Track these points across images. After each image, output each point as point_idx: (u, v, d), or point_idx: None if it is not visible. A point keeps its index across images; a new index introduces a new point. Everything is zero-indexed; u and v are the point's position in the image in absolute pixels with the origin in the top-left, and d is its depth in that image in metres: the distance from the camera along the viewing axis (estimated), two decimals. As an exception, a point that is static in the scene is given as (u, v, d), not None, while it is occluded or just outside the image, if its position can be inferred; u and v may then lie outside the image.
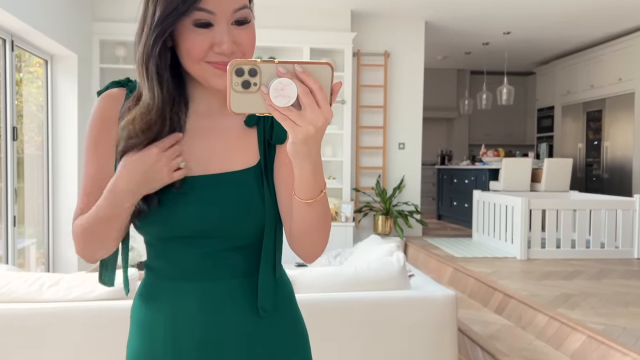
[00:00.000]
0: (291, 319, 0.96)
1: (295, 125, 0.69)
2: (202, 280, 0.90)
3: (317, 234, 0.86)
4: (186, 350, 0.89)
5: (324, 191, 0.81)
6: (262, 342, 0.91)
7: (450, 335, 2.68)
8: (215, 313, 0.89)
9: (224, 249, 0.89)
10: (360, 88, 6.23)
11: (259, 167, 0.90)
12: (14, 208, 4.06)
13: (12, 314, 2.38)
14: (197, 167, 0.89)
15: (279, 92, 0.67)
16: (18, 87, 4.37)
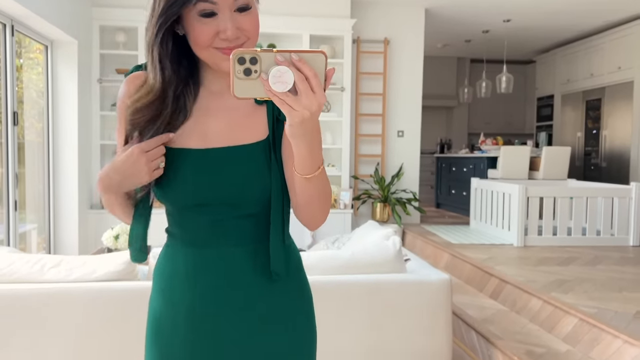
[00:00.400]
0: (298, 283, 1.06)
1: (292, 109, 0.75)
2: (215, 246, 0.98)
3: (318, 206, 0.94)
4: (201, 311, 0.98)
5: (321, 167, 0.87)
6: (271, 303, 1.00)
7: (444, 318, 2.72)
8: (227, 277, 0.98)
9: (234, 217, 0.97)
10: (359, 75, 6.24)
11: (267, 142, 0.97)
12: (15, 192, 4.09)
13: (14, 294, 2.42)
14: (210, 141, 0.97)
15: (277, 78, 0.72)
16: (18, 73, 4.39)
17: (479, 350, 3.07)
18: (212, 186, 0.95)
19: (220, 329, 0.99)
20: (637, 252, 4.80)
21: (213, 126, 0.98)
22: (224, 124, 0.98)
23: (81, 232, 5.09)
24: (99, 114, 5.50)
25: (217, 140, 0.97)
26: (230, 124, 0.98)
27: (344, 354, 2.64)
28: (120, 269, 2.57)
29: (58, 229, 5.00)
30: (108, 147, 5.69)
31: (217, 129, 0.98)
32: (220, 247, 0.98)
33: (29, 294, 2.44)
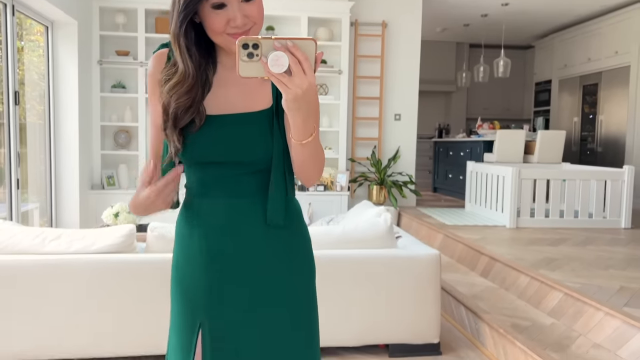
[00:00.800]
0: (298, 231, 1.22)
1: (287, 87, 0.90)
2: (225, 197, 1.16)
3: (311, 166, 1.10)
4: (213, 252, 1.16)
5: (314, 134, 1.01)
6: (273, 248, 1.17)
7: (433, 291, 2.82)
8: (235, 223, 1.16)
9: (242, 173, 1.15)
10: (357, 58, 6.28)
11: (271, 110, 1.14)
12: (17, 171, 4.18)
13: (16, 265, 2.51)
14: (224, 108, 1.14)
15: (275, 61, 0.87)
16: (19, 55, 4.45)
17: (467, 324, 3.17)
18: (225, 147, 1.12)
19: (230, 268, 1.15)
20: (628, 234, 4.89)
21: (227, 96, 1.15)
22: (235, 95, 1.15)
23: (82, 211, 5.18)
24: (99, 95, 5.57)
25: (229, 107, 1.14)
26: (240, 95, 1.15)
27: (335, 327, 2.74)
28: (119, 242, 2.65)
29: (59, 209, 5.09)
30: (108, 128, 5.76)
31: (230, 98, 1.15)
32: (229, 198, 1.15)
33: (31, 265, 2.53)
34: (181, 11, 1.06)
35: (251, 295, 1.16)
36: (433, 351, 2.84)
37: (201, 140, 1.12)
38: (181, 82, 1.11)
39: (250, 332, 1.16)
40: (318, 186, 5.89)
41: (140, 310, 2.60)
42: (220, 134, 1.12)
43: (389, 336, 2.81)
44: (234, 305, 1.15)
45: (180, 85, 1.10)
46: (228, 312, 1.15)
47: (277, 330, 1.17)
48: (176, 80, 1.11)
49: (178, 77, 1.11)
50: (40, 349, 2.56)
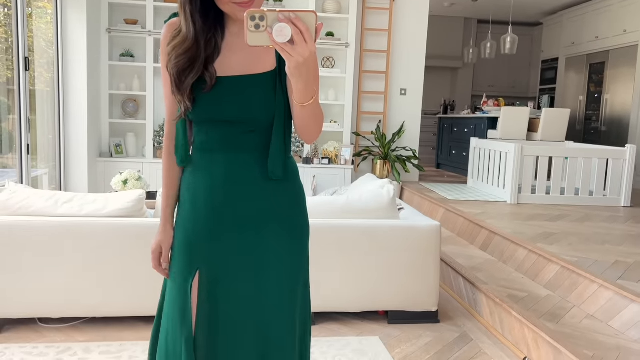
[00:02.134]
0: (294, 186, 1.32)
1: (290, 55, 0.97)
2: (228, 151, 1.26)
3: (312, 125, 1.19)
4: (217, 202, 1.26)
5: (314, 98, 1.09)
6: (272, 200, 1.27)
7: (433, 261, 2.90)
8: (237, 175, 1.26)
9: (245, 131, 1.24)
10: (364, 32, 6.27)
11: (274, 72, 1.23)
12: (27, 137, 4.25)
13: (29, 226, 2.60)
14: (230, 70, 1.23)
15: (279, 32, 0.95)
16: (28, 21, 4.47)
17: (465, 295, 3.26)
18: (231, 105, 1.22)
19: (230, 217, 1.25)
20: (627, 212, 4.95)
21: (234, 59, 1.24)
22: (242, 57, 1.24)
23: (90, 178, 5.27)
24: (108, 64, 5.60)
25: (236, 69, 1.23)
26: (246, 57, 1.24)
27: (336, 293, 2.83)
28: (129, 207, 2.74)
29: (68, 175, 5.18)
30: (117, 97, 5.81)
31: (237, 61, 1.24)
32: (232, 153, 1.25)
33: (44, 226, 2.62)
34: None
35: (248, 242, 1.25)
36: (431, 319, 2.94)
37: (209, 100, 1.22)
38: (180, 43, 1.20)
39: (245, 276, 1.25)
40: (322, 159, 5.95)
41: (148, 273, 2.69)
42: (227, 93, 1.21)
43: (388, 303, 2.91)
44: (231, 251, 1.25)
45: (180, 46, 1.20)
46: (226, 258, 1.25)
47: (269, 276, 1.26)
48: (176, 42, 1.21)
49: (179, 39, 1.21)
50: (51, 307, 2.66)
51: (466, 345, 2.69)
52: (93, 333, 2.67)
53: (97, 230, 2.65)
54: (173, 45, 1.21)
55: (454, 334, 2.81)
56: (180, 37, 1.21)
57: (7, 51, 4.16)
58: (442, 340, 2.74)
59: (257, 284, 1.26)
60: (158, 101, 5.79)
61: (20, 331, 2.66)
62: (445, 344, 2.69)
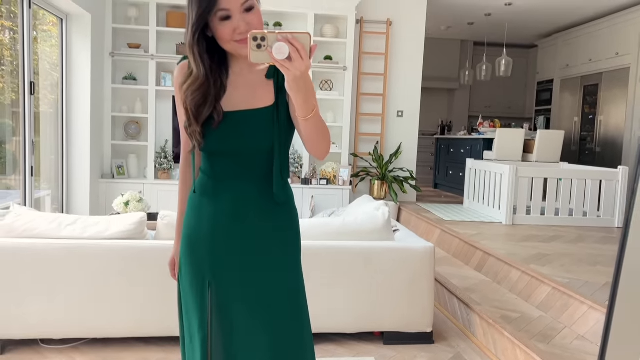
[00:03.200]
0: (290, 209, 1.47)
1: (288, 70, 1.10)
2: (232, 178, 1.40)
3: (318, 138, 1.29)
4: (225, 223, 1.40)
5: (314, 111, 1.21)
6: (270, 221, 1.41)
7: (427, 283, 2.97)
8: (240, 200, 1.39)
9: (247, 160, 1.38)
10: (362, 55, 6.41)
11: (274, 106, 1.36)
12: (32, 159, 4.34)
13: (34, 248, 2.68)
14: (235, 106, 1.37)
15: (278, 50, 1.09)
16: (33, 45, 4.59)
17: (459, 315, 3.32)
18: (236, 138, 1.36)
19: (234, 235, 1.39)
20: (620, 233, 5.01)
21: (237, 95, 1.38)
22: (244, 94, 1.38)
23: (92, 199, 5.35)
24: (111, 87, 5.72)
25: (239, 105, 1.37)
26: (248, 94, 1.38)
27: (332, 314, 2.90)
28: (131, 229, 2.82)
29: (70, 196, 5.26)
30: (119, 119, 5.92)
31: (239, 97, 1.38)
32: (236, 180, 1.39)
33: (47, 248, 2.69)
34: (194, 24, 1.29)
35: (249, 260, 1.39)
36: (426, 340, 2.99)
37: (218, 134, 1.35)
38: (194, 82, 1.34)
39: (247, 290, 1.39)
40: (321, 180, 6.04)
41: (150, 294, 2.76)
42: (233, 127, 1.35)
43: (384, 324, 2.97)
44: (234, 268, 1.39)
45: (193, 84, 1.34)
46: (229, 274, 1.40)
47: (269, 288, 1.40)
48: (190, 82, 1.35)
49: (192, 79, 1.35)
50: (53, 328, 2.72)
51: (460, 365, 2.75)
52: (93, 354, 2.72)
53: (99, 252, 2.72)
54: (188, 85, 1.35)
55: (448, 355, 2.87)
56: (193, 77, 1.35)
57: (12, 73, 4.27)
58: (436, 360, 2.79)
59: (257, 296, 1.39)
60: (160, 123, 5.90)
61: (22, 352, 2.71)
62: (440, 365, 2.75)
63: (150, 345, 2.84)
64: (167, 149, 5.91)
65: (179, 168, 1.57)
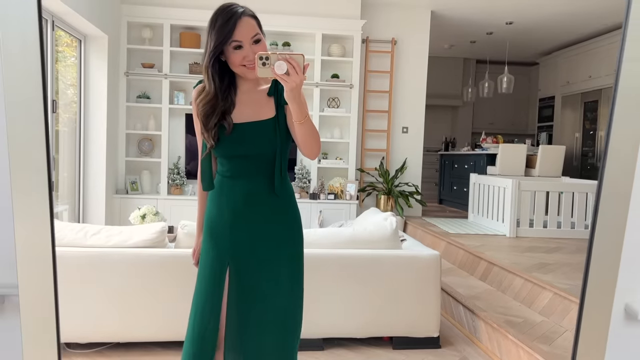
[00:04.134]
0: (290, 201, 1.78)
1: (286, 82, 1.44)
2: (245, 176, 1.71)
3: (310, 140, 1.62)
4: (239, 212, 1.71)
5: (307, 117, 1.56)
6: (275, 210, 1.73)
7: (434, 289, 3.10)
8: (250, 193, 1.72)
9: (254, 162, 1.70)
10: (367, 73, 6.62)
11: (275, 118, 1.69)
12: (52, 174, 4.51)
13: (61, 256, 2.83)
14: (243, 118, 1.69)
15: (279, 67, 1.43)
16: (53, 65, 4.80)
17: (465, 322, 3.45)
18: (244, 144, 1.68)
19: (248, 221, 1.71)
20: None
21: (245, 110, 1.71)
22: (251, 109, 1.71)
23: (107, 214, 5.51)
24: (125, 105, 5.93)
25: (247, 117, 1.69)
26: (254, 109, 1.71)
27: (342, 319, 3.03)
28: (152, 238, 2.98)
29: (87, 211, 5.43)
30: (133, 136, 6.11)
31: (247, 111, 1.70)
32: (246, 178, 1.71)
33: (74, 255, 2.85)
34: (211, 51, 1.62)
35: (260, 244, 1.71)
36: (433, 344, 3.12)
37: (229, 141, 1.67)
38: (205, 96, 1.67)
39: (257, 267, 1.70)
40: (329, 194, 6.20)
41: (170, 300, 2.90)
42: (242, 135, 1.67)
43: (392, 329, 3.10)
44: (249, 252, 1.71)
45: (205, 98, 1.67)
46: (244, 255, 1.71)
47: (274, 265, 1.72)
48: (202, 96, 1.68)
49: (204, 94, 1.68)
50: (79, 334, 2.87)
51: (466, 368, 2.87)
52: (117, 357, 2.86)
53: (122, 260, 2.88)
54: (200, 99, 1.68)
55: (454, 358, 3.00)
56: (205, 93, 1.68)
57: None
58: (443, 363, 2.92)
59: (265, 272, 1.71)
60: (172, 140, 6.09)
61: (50, 355, 2.85)
62: (446, 367, 2.87)
63: (169, 350, 2.98)
64: (179, 165, 6.08)
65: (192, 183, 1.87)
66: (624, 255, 1.31)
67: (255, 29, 1.64)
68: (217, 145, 1.68)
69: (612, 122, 1.09)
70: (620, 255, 1.18)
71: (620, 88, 1.09)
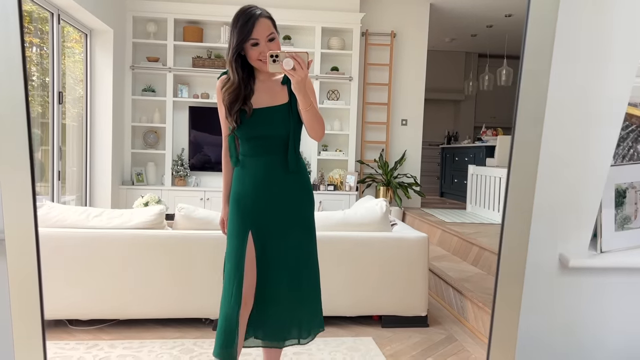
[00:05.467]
0: (304, 177, 2.10)
1: (293, 77, 1.77)
2: (263, 155, 2.02)
3: (315, 125, 1.94)
4: (260, 185, 2.03)
5: (311, 105, 1.88)
6: (290, 184, 2.05)
7: (422, 269, 3.22)
8: (269, 170, 2.02)
9: (272, 143, 2.02)
10: (367, 66, 6.73)
11: (288, 104, 2.00)
12: (59, 164, 4.68)
13: (64, 236, 2.97)
14: (261, 103, 1.98)
15: (287, 63, 1.75)
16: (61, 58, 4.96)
17: (454, 303, 3.57)
18: (262, 126, 1.98)
19: (267, 192, 2.02)
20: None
21: (262, 97, 2.00)
22: (267, 96, 2.00)
23: (113, 204, 5.68)
24: (131, 98, 6.09)
25: (264, 103, 1.99)
26: (270, 95, 2.00)
27: (335, 299, 3.15)
28: (151, 220, 3.11)
29: (93, 202, 5.60)
30: (138, 129, 6.27)
31: (264, 98, 2.00)
32: (265, 156, 2.02)
33: (76, 236, 2.98)
34: (234, 47, 1.90)
35: (279, 213, 2.03)
36: (421, 323, 3.24)
37: (250, 124, 1.96)
38: (230, 86, 1.97)
39: (277, 233, 2.04)
40: (328, 185, 6.33)
41: (168, 279, 3.04)
42: (261, 119, 1.96)
43: (381, 308, 3.22)
44: (269, 218, 2.03)
45: (230, 87, 1.97)
46: (265, 222, 2.03)
47: (292, 232, 2.05)
48: (228, 86, 1.98)
49: (229, 84, 1.98)
50: (81, 311, 3.00)
51: (450, 344, 2.99)
52: (117, 333, 2.99)
53: (123, 240, 3.01)
54: (226, 88, 1.98)
55: (441, 336, 3.11)
56: (230, 83, 1.97)
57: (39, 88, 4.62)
58: (429, 340, 3.04)
59: (284, 239, 2.05)
60: (177, 132, 6.25)
61: (52, 332, 2.97)
62: (432, 343, 2.99)
63: (168, 327, 3.11)
64: (183, 157, 6.23)
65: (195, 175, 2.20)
66: (556, 211, 1.45)
67: (270, 29, 1.90)
68: (239, 128, 1.97)
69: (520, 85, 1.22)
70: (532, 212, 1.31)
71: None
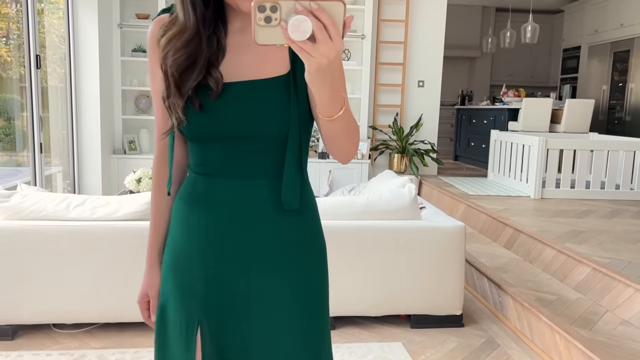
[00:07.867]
0: (311, 221, 1.07)
1: (310, 56, 0.73)
2: (233, 177, 1.00)
3: (343, 142, 0.94)
4: (215, 238, 1.02)
5: (343, 108, 0.86)
6: (283, 236, 1.02)
7: (457, 264, 2.78)
8: (240, 207, 1.00)
9: (253, 150, 0.99)
10: (380, 23, 6.12)
11: (288, 76, 0.97)
12: (40, 135, 4.19)
13: (41, 231, 2.53)
14: (233, 75, 0.98)
15: (296, 27, 0.72)
16: (40, 17, 4.40)
17: (490, 297, 3.14)
18: (235, 118, 0.97)
19: (231, 258, 1.01)
20: (655, 206, 4.78)
21: (238, 62, 0.98)
22: (248, 60, 0.98)
23: (104, 175, 5.22)
24: (120, 60, 5.53)
25: (241, 74, 0.98)
26: (254, 60, 0.98)
27: (356, 296, 2.73)
28: (142, 210, 2.65)
29: (82, 173, 5.14)
30: (129, 93, 5.74)
31: (242, 64, 0.98)
32: (236, 179, 1.00)
33: (55, 230, 2.53)
34: None
35: (255, 290, 1.02)
36: (455, 323, 2.83)
37: (211, 111, 0.96)
38: (178, 34, 0.95)
39: (250, 332, 1.03)
40: (339, 153, 5.84)
41: (164, 277, 2.61)
42: (231, 103, 0.96)
43: (410, 307, 2.81)
44: (235, 301, 1.02)
45: (177, 37, 0.95)
46: (227, 309, 1.02)
47: (280, 331, 1.03)
48: (173, 32, 0.96)
49: (175, 29, 0.96)
50: (65, 313, 2.60)
51: (493, 351, 2.58)
52: (107, 339, 2.61)
53: (110, 234, 2.57)
54: (168, 37, 0.96)
55: (479, 339, 2.70)
56: (177, 27, 0.96)
57: (20, 48, 4.10)
58: (467, 346, 2.62)
59: (267, 330, 1.03)
60: (171, 96, 5.72)
61: (34, 337, 2.60)
62: (472, 350, 2.58)
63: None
64: (180, 123, 5.74)
65: None
66: None
67: None
68: (191, 120, 0.98)
69: None
70: None
71: None
